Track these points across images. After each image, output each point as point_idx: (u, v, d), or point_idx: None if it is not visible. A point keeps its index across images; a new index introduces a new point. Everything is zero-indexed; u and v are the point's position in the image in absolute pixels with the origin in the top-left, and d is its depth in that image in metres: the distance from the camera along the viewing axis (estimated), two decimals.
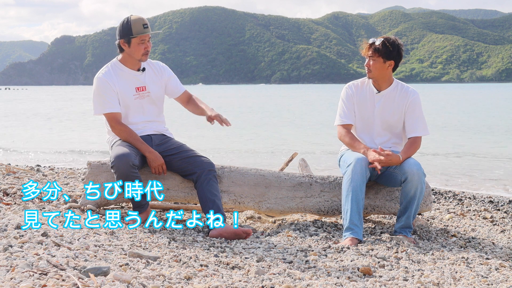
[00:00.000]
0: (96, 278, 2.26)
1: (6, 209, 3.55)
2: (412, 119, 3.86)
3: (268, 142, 14.04)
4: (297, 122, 20.85)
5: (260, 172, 4.07)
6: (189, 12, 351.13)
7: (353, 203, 3.57)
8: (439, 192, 6.12)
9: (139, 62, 3.89)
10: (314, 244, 3.48)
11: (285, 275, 2.73)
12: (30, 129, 17.98)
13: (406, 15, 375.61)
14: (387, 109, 3.87)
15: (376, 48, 3.77)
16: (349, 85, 4.00)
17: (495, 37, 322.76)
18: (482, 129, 17.42)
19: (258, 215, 4.31)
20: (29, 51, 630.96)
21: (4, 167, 5.71)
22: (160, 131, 3.98)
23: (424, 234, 3.94)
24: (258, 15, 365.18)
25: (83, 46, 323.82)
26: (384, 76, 3.84)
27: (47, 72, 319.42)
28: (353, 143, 3.82)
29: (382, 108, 3.88)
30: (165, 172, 3.82)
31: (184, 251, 3.09)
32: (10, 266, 2.28)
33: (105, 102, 3.79)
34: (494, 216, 4.81)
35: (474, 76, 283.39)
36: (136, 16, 3.81)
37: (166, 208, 4.36)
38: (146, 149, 3.75)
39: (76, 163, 9.47)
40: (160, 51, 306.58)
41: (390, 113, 3.87)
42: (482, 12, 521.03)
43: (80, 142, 13.73)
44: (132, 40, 3.77)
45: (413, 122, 3.85)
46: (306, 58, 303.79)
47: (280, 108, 33.23)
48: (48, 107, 34.46)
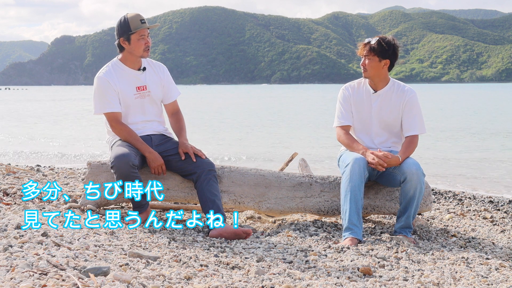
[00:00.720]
0: (96, 278, 2.26)
1: (6, 209, 3.55)
2: (409, 118, 3.86)
3: (268, 142, 14.03)
4: (298, 122, 20.87)
5: (260, 172, 4.07)
6: (189, 12, 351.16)
7: (352, 203, 3.57)
8: (439, 192, 6.12)
9: (139, 61, 3.89)
10: (314, 244, 3.48)
11: (285, 275, 2.73)
12: (30, 128, 17.98)
13: (406, 15, 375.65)
14: (384, 108, 3.88)
15: (372, 47, 3.79)
16: (345, 86, 4.01)
17: (495, 37, 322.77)
18: (483, 129, 17.42)
19: (258, 215, 4.31)
20: (29, 51, 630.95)
21: (4, 167, 5.71)
22: (160, 131, 3.97)
23: (424, 234, 3.94)
24: (258, 15, 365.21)
25: (83, 46, 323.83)
26: (379, 75, 3.85)
27: (47, 72, 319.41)
28: (352, 144, 3.83)
29: (379, 108, 3.88)
30: (164, 172, 3.82)
31: (184, 251, 3.09)
32: (10, 266, 2.28)
33: (106, 102, 3.79)
34: (494, 216, 4.81)
35: (474, 76, 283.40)
36: (132, 13, 3.82)
37: (166, 208, 4.36)
38: (146, 149, 3.75)
39: (76, 163, 9.47)
40: (160, 51, 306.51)
41: (387, 112, 3.88)
42: (482, 12, 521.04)
43: (80, 142, 13.73)
44: (132, 36, 3.77)
45: (410, 121, 3.86)
46: (306, 58, 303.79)
47: (286, 108, 33.24)
48: (48, 107, 34.46)
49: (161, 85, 3.98)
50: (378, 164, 3.63)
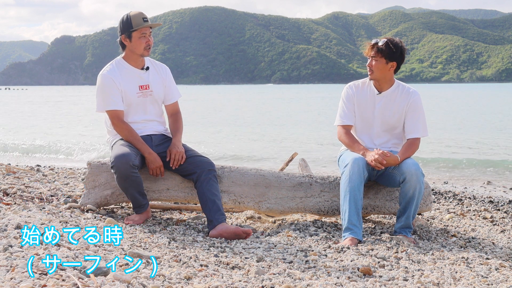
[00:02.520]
0: (96, 278, 2.26)
1: (6, 209, 3.55)
2: (412, 120, 3.84)
3: (268, 142, 14.03)
4: (298, 122, 20.87)
5: (260, 172, 4.07)
6: (189, 12, 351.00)
7: (351, 203, 3.57)
8: (439, 192, 6.12)
9: (142, 60, 3.89)
10: (314, 244, 3.48)
11: (285, 275, 2.73)
12: (29, 129, 17.97)
13: (406, 15, 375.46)
14: (388, 110, 3.86)
15: (379, 48, 3.75)
16: (350, 85, 3.99)
17: (495, 37, 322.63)
18: (483, 130, 17.41)
19: (258, 215, 4.31)
20: (29, 51, 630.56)
21: (4, 167, 5.71)
22: (160, 132, 3.97)
23: (424, 234, 3.94)
24: (258, 15, 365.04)
25: (83, 46, 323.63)
26: (385, 77, 3.83)
27: (47, 72, 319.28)
28: (352, 144, 3.82)
29: (382, 109, 3.87)
30: (162, 174, 3.81)
31: (184, 251, 3.09)
32: (10, 266, 2.28)
33: (109, 99, 3.79)
34: (494, 216, 4.81)
35: (474, 76, 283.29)
36: (135, 11, 3.83)
37: (166, 208, 4.36)
38: (145, 150, 3.75)
39: (76, 163, 9.47)
40: (160, 51, 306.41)
41: (390, 114, 3.86)
42: (482, 12, 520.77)
43: (80, 141, 13.72)
44: (133, 34, 3.77)
45: (413, 123, 3.84)
46: (306, 58, 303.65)
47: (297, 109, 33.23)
48: (48, 107, 34.46)
49: (163, 85, 3.99)
50: (377, 161, 3.61)
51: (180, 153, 3.77)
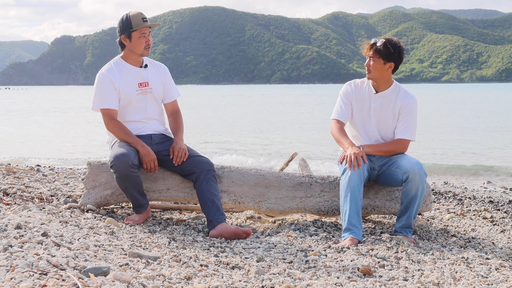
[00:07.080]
0: (96, 278, 2.26)
1: (6, 209, 3.55)
2: (403, 122, 3.85)
3: (268, 142, 14.03)
4: (298, 122, 20.87)
5: (260, 172, 4.07)
6: (189, 12, 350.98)
7: (352, 204, 3.57)
8: (439, 192, 6.12)
9: (141, 59, 3.91)
10: (314, 244, 3.48)
11: (285, 275, 2.73)
12: (30, 128, 17.97)
13: (406, 15, 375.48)
14: (383, 110, 3.87)
15: (377, 49, 3.76)
16: (349, 82, 4.01)
17: (495, 37, 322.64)
18: (483, 130, 17.42)
19: (258, 215, 4.31)
20: (29, 51, 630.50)
21: (4, 167, 5.71)
22: (160, 131, 3.98)
23: (424, 234, 3.94)
24: (258, 15, 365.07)
25: (83, 46, 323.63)
26: (383, 77, 3.84)
27: (47, 72, 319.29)
28: (341, 138, 3.83)
29: (378, 109, 3.88)
30: (156, 169, 3.79)
31: (184, 251, 3.09)
32: (10, 266, 2.28)
33: (104, 98, 3.80)
34: (494, 216, 4.81)
35: (474, 76, 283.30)
36: (135, 11, 3.84)
37: (166, 208, 4.36)
38: (138, 143, 3.74)
39: (76, 163, 9.47)
40: (160, 51, 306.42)
41: (385, 114, 3.87)
42: (482, 12, 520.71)
43: (80, 141, 13.73)
44: (133, 34, 3.78)
45: (404, 125, 3.84)
46: (306, 58, 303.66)
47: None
48: (48, 107, 34.47)
49: (162, 83, 4.00)
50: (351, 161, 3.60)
51: (183, 150, 3.79)
